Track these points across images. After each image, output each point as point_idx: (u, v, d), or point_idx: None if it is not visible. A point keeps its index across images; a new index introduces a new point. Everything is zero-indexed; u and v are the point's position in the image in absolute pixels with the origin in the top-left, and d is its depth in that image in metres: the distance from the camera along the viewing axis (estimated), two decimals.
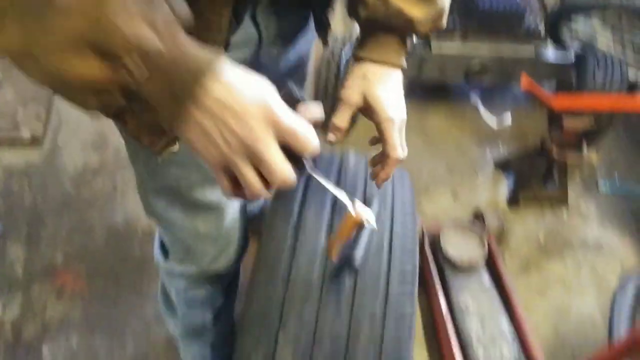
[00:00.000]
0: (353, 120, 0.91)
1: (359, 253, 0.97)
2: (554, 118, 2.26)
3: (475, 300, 1.85)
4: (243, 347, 0.99)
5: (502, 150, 2.58)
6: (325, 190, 0.72)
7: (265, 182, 0.64)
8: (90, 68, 0.53)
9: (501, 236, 2.15)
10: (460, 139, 2.61)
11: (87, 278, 1.96)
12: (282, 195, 1.12)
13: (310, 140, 0.63)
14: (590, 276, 2.15)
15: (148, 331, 1.86)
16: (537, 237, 2.27)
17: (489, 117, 2.66)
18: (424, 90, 2.74)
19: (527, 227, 2.30)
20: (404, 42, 0.90)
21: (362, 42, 0.91)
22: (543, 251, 2.23)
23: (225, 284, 1.39)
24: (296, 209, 1.08)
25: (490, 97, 2.81)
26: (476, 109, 2.74)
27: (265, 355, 0.96)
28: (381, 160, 0.91)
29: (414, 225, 1.15)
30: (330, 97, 2.33)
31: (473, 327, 1.78)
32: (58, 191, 2.19)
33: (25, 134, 2.33)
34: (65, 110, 2.47)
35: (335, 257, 0.91)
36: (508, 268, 2.03)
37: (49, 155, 2.31)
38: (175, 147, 0.71)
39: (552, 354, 1.86)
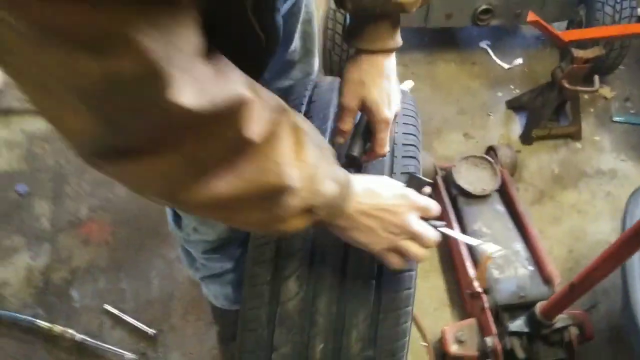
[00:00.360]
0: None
1: (358, 149, 1.00)
2: (565, 53, 2.26)
3: (489, 226, 1.87)
4: (256, 241, 1.01)
5: (514, 92, 2.58)
6: None
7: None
8: (300, 222, 0.73)
9: (514, 169, 2.16)
10: (470, 84, 2.62)
11: (112, 227, 2.04)
12: None
13: (435, 208, 0.87)
14: (604, 202, 2.15)
15: (172, 271, 1.93)
16: (551, 169, 2.27)
17: (499, 60, 2.67)
18: (431, 39, 2.75)
19: (541, 161, 2.30)
20: (395, 24, 0.93)
21: (355, 32, 0.94)
22: (557, 182, 2.23)
23: (242, 237, 1.42)
24: None
25: (500, 41, 2.82)
26: (485, 54, 2.75)
27: (278, 247, 0.98)
28: (367, 153, 1.00)
29: (417, 130, 1.17)
30: (338, 48, 2.36)
31: (487, 250, 1.80)
32: None
33: None
34: None
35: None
36: (522, 199, 2.04)
37: None
38: None
39: (567, 273, 1.87)
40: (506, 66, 2.71)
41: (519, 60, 2.73)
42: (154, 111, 0.52)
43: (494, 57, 2.74)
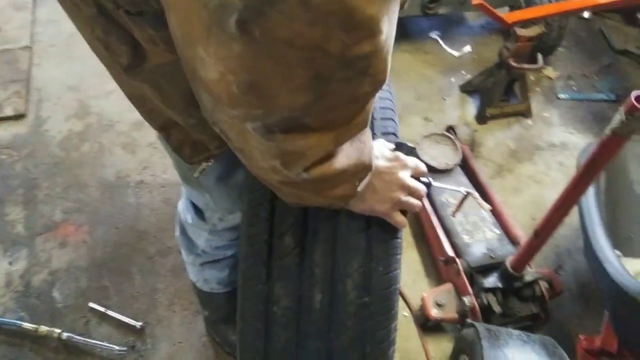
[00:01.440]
0: None
1: None
2: (509, 35, 2.42)
3: (455, 197, 1.98)
4: (250, 202, 1.07)
5: (466, 77, 2.72)
6: None
7: None
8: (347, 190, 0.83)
9: (473, 146, 2.30)
10: (425, 72, 2.75)
11: (88, 227, 2.05)
12: None
13: (424, 169, 1.00)
14: (558, 172, 2.31)
15: (153, 265, 1.96)
16: (507, 144, 2.42)
17: (449, 48, 2.82)
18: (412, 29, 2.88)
19: (497, 137, 2.45)
20: None
21: None
22: (513, 156, 2.37)
23: None
24: None
25: (449, 31, 2.97)
26: (436, 44, 2.89)
27: (272, 206, 1.05)
28: None
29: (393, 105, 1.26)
30: None
31: (456, 219, 1.90)
32: (47, 156, 2.27)
33: (9, 111, 2.41)
34: (44, 87, 2.55)
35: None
36: (483, 172, 2.17)
37: (33, 127, 2.38)
38: (209, 164, 1.04)
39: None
40: (456, 54, 2.86)
41: (468, 48, 2.89)
42: (358, 90, 0.63)
43: (444, 46, 2.88)
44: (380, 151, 0.95)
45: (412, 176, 0.98)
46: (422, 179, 1.02)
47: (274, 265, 1.03)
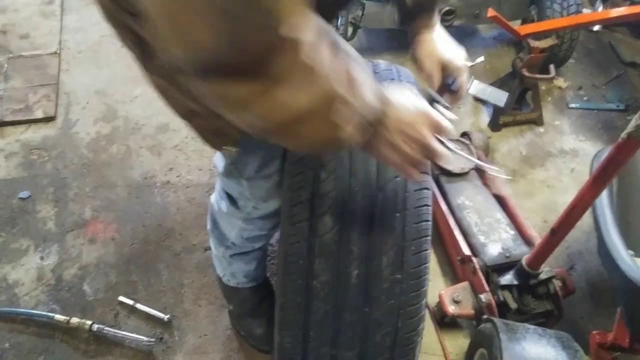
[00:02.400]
0: None
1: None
2: (521, 47, 2.50)
3: (471, 199, 2.05)
4: (292, 186, 1.16)
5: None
6: None
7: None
8: (352, 132, 0.83)
9: (487, 151, 2.37)
10: None
11: (116, 225, 2.13)
12: None
13: (448, 127, 0.93)
14: (570, 177, 2.38)
15: (179, 261, 2.03)
16: (520, 151, 2.50)
17: None
18: (400, 41, 2.95)
19: (510, 144, 2.52)
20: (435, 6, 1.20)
21: (415, 17, 1.20)
22: (526, 162, 2.45)
23: None
24: None
25: (462, 42, 3.04)
26: None
27: (313, 189, 1.13)
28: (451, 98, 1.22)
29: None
30: None
31: (472, 220, 1.98)
32: (76, 157, 2.35)
33: (39, 114, 2.50)
34: (73, 91, 2.64)
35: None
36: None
37: (63, 129, 2.47)
38: (237, 149, 1.09)
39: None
40: (469, 64, 2.94)
41: (481, 59, 2.97)
42: (271, 32, 0.66)
43: None
44: (409, 99, 0.92)
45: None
46: (445, 141, 0.98)
47: (315, 243, 1.11)
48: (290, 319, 1.14)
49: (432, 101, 1.08)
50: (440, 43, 1.20)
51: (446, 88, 1.20)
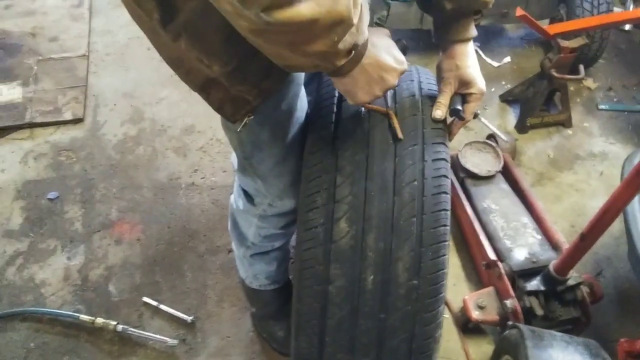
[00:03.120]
0: None
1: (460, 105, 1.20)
2: (549, 47, 2.46)
3: (497, 203, 2.02)
4: (307, 191, 1.16)
5: (505, 87, 2.76)
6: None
7: None
8: (344, 60, 0.89)
9: (514, 154, 2.33)
10: None
11: (142, 226, 2.15)
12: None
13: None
14: (599, 181, 2.33)
15: (203, 263, 2.04)
16: (547, 153, 2.45)
17: (489, 59, 2.87)
18: (426, 42, 2.93)
19: (537, 146, 2.48)
20: (472, 17, 1.16)
21: (446, 29, 1.17)
22: (554, 165, 2.40)
23: None
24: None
25: (489, 42, 3.02)
26: (476, 55, 2.93)
27: (328, 194, 1.13)
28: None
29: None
30: None
31: (498, 224, 1.95)
32: (104, 159, 2.39)
33: (67, 115, 2.54)
34: (101, 93, 2.68)
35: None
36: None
37: (91, 131, 2.51)
38: (251, 117, 1.09)
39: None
40: (496, 64, 2.90)
41: (508, 59, 2.93)
42: None
43: (484, 56, 2.93)
44: (391, 53, 1.03)
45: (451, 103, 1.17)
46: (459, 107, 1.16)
47: (330, 248, 1.10)
48: (306, 324, 1.13)
49: (454, 112, 1.16)
50: (467, 61, 1.17)
51: (453, 112, 1.19)
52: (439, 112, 1.17)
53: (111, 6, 3.16)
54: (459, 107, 1.18)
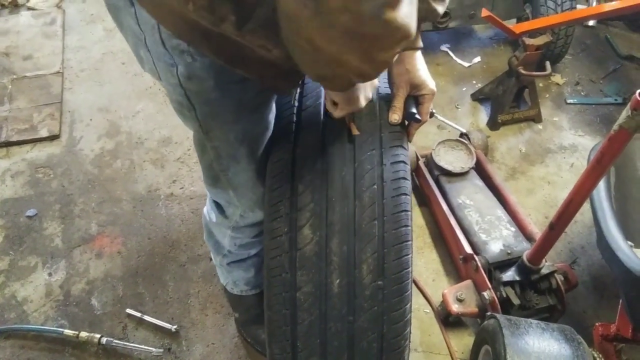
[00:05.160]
0: None
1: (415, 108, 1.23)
2: (516, 46, 2.52)
3: (472, 198, 2.07)
4: (271, 200, 1.18)
5: (476, 86, 2.82)
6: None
7: None
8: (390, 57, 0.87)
9: (486, 150, 2.38)
10: (438, 82, 2.80)
11: (122, 239, 2.16)
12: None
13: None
14: (570, 172, 2.39)
15: (185, 272, 2.06)
16: (519, 148, 2.51)
17: (460, 59, 2.93)
18: None
19: (509, 142, 2.54)
20: (420, 30, 1.19)
21: None
22: (525, 159, 2.46)
23: None
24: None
25: (459, 44, 3.08)
26: (447, 56, 3.00)
27: (291, 203, 1.15)
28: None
29: None
30: None
31: (473, 218, 1.99)
32: (81, 174, 2.39)
33: (43, 132, 2.54)
34: (76, 109, 2.69)
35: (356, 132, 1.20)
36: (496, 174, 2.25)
37: (67, 147, 2.51)
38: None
39: None
40: (466, 64, 2.96)
41: (478, 59, 2.99)
42: None
43: (454, 57, 2.99)
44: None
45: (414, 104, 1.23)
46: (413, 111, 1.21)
47: (296, 256, 1.13)
48: (278, 331, 1.16)
49: (409, 115, 1.21)
50: (416, 65, 1.21)
51: (409, 116, 1.23)
52: (396, 116, 1.22)
53: (84, 22, 3.17)
54: (414, 110, 1.22)
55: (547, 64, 2.50)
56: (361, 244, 1.11)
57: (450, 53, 3.01)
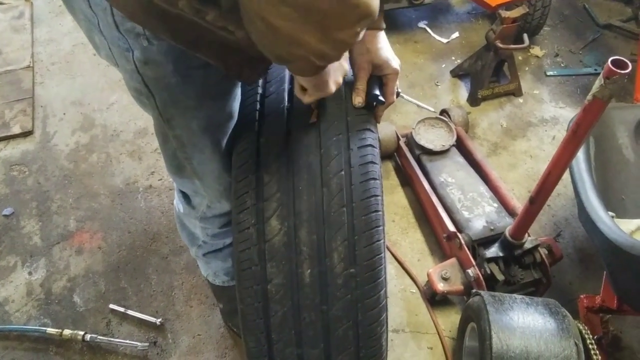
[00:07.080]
0: None
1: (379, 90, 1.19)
2: (494, 18, 2.49)
3: (453, 176, 2.05)
4: (237, 192, 1.15)
5: (456, 62, 2.79)
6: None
7: None
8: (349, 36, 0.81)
9: (467, 127, 2.36)
10: (416, 60, 2.82)
11: (102, 233, 2.13)
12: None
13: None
14: (552, 145, 2.38)
15: (167, 264, 2.03)
16: (500, 123, 2.49)
17: (438, 36, 2.89)
18: None
19: (490, 118, 2.52)
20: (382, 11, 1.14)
21: None
22: (507, 134, 2.44)
23: None
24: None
25: (436, 20, 3.05)
26: (425, 33, 2.97)
27: (257, 194, 1.12)
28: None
29: None
30: None
31: (455, 196, 1.98)
32: (57, 170, 2.35)
33: (16, 129, 2.49)
34: (49, 104, 2.63)
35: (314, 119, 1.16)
36: (478, 150, 2.23)
37: (41, 143, 2.46)
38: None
39: None
40: (445, 41, 2.93)
41: (456, 34, 2.96)
42: None
43: (432, 34, 2.96)
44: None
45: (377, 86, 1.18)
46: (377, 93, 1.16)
47: (264, 247, 1.11)
48: (252, 324, 1.14)
49: (372, 97, 1.17)
50: (378, 44, 1.17)
51: (372, 98, 1.18)
52: (359, 98, 1.18)
53: (53, 14, 3.10)
54: (377, 92, 1.17)
55: (525, 36, 2.47)
56: (331, 232, 1.09)
57: (428, 30, 2.98)
